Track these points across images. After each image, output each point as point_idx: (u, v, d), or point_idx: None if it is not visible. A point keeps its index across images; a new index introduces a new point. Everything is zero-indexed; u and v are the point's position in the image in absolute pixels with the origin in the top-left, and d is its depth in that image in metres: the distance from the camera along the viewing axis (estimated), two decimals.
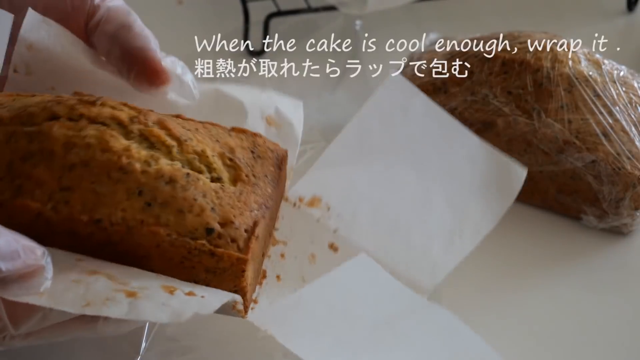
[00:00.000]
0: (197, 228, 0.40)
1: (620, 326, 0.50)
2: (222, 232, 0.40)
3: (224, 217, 0.41)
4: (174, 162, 0.41)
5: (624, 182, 0.52)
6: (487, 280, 0.53)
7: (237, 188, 0.43)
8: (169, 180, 0.40)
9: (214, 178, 0.42)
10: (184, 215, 0.40)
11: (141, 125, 0.42)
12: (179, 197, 0.40)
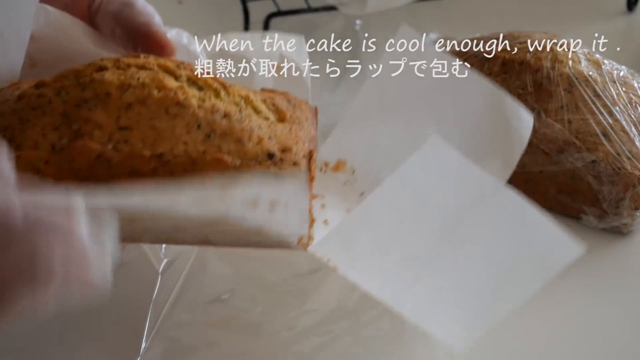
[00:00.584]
0: (258, 154, 0.40)
1: (620, 326, 0.50)
2: (283, 157, 0.41)
3: (282, 144, 0.41)
4: (223, 101, 0.42)
5: (624, 182, 0.52)
6: None
7: (285, 125, 0.43)
8: (224, 114, 0.41)
9: (261, 116, 0.43)
10: (244, 144, 0.40)
11: (188, 71, 0.43)
12: (237, 128, 0.41)
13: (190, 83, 0.42)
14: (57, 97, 0.41)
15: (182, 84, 0.42)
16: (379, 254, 0.39)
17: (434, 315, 0.40)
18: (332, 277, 0.52)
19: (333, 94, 0.68)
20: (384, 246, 0.39)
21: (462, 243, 0.38)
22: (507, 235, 0.39)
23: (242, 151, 0.40)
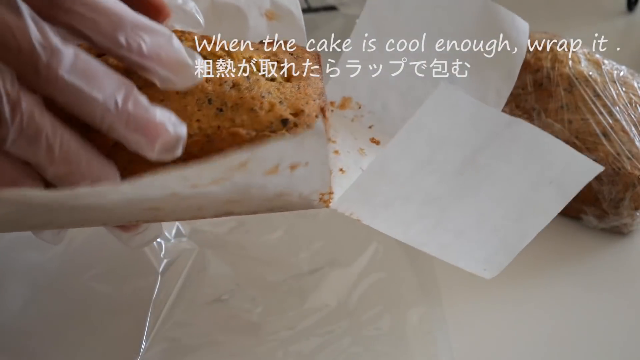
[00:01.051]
0: (272, 122, 0.40)
1: (621, 326, 0.50)
2: (296, 121, 0.41)
3: (294, 107, 0.41)
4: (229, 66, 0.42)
5: (624, 182, 0.52)
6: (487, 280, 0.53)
7: (293, 83, 0.43)
8: (233, 84, 0.41)
9: (268, 79, 0.43)
10: (257, 113, 0.40)
11: (189, 42, 0.42)
12: (247, 97, 0.40)
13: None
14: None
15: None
16: (400, 201, 0.39)
17: (461, 251, 0.40)
18: (332, 277, 0.52)
19: None
20: (405, 193, 0.39)
21: (481, 179, 0.39)
22: (525, 163, 0.39)
23: (256, 121, 0.40)
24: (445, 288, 0.52)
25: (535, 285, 0.53)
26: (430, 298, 0.51)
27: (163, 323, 0.49)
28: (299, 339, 0.49)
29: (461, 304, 0.51)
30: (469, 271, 0.41)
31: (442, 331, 0.49)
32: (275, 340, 0.49)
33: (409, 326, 0.49)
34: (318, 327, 0.49)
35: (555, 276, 0.53)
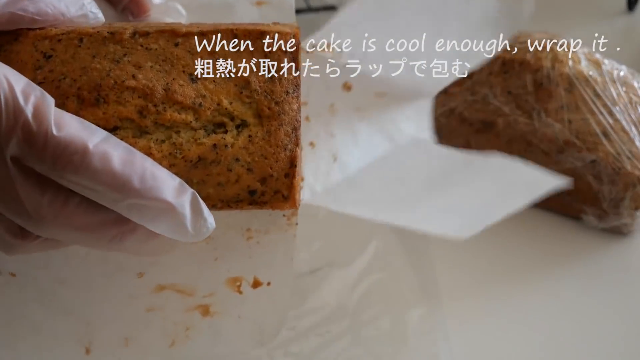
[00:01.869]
0: (239, 193, 0.40)
1: (621, 326, 0.50)
2: (264, 190, 0.40)
3: (261, 173, 0.41)
4: (196, 132, 0.41)
5: (624, 182, 0.52)
6: (487, 280, 0.53)
7: (264, 129, 0.42)
8: (198, 159, 0.40)
9: (237, 125, 0.41)
10: (223, 187, 0.40)
11: (152, 115, 0.40)
12: (213, 173, 0.40)
13: (156, 128, 0.40)
14: None
15: (149, 144, 0.40)
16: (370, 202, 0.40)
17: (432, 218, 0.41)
18: (332, 277, 0.52)
19: None
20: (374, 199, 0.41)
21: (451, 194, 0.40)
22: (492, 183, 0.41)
23: (222, 194, 0.40)
24: (445, 288, 0.52)
25: (535, 285, 0.53)
26: (430, 298, 0.51)
27: None
28: (299, 339, 0.49)
29: (461, 304, 0.51)
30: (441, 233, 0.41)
31: (442, 331, 0.49)
32: (275, 340, 0.49)
33: (409, 326, 0.49)
34: (318, 327, 0.49)
35: (555, 276, 0.53)
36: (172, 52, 0.42)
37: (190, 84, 0.42)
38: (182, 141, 0.40)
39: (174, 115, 0.41)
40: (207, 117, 0.41)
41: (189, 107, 0.41)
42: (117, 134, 0.39)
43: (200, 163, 0.40)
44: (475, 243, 0.55)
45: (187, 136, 0.40)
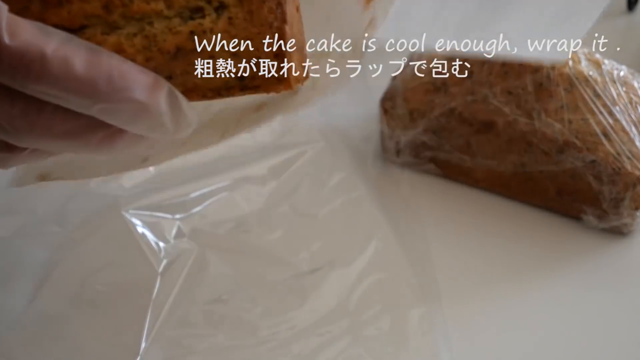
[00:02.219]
0: (227, 80, 0.39)
1: (621, 326, 0.50)
2: (253, 74, 0.39)
3: (248, 55, 0.39)
4: (171, 20, 0.38)
5: (624, 182, 0.52)
6: (487, 280, 0.53)
7: (245, 8, 0.39)
8: (176, 51, 0.38)
9: (216, 7, 0.39)
10: (209, 77, 0.39)
11: (119, 9, 0.37)
12: (195, 61, 0.38)
13: (127, 22, 0.37)
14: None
15: (119, 40, 0.37)
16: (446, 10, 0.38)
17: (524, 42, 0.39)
18: (332, 277, 0.52)
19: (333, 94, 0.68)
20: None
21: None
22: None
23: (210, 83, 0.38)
24: (445, 288, 0.52)
25: (535, 285, 0.53)
26: (430, 298, 0.51)
27: (163, 323, 0.49)
28: (299, 339, 0.49)
29: (461, 304, 0.51)
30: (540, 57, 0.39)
31: (442, 331, 0.49)
32: (275, 340, 0.49)
33: (409, 326, 0.49)
34: (318, 327, 0.49)
35: (555, 276, 0.53)
36: None
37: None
38: (156, 32, 0.38)
39: (142, 6, 0.37)
40: (180, 2, 0.38)
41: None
42: (85, 32, 0.36)
43: (179, 53, 0.38)
44: (475, 243, 0.56)
45: (161, 26, 0.38)
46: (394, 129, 0.59)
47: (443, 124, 0.57)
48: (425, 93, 0.57)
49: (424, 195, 0.58)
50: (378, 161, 0.61)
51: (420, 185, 0.59)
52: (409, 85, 0.58)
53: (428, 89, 0.57)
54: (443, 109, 0.56)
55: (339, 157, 0.61)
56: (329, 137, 0.63)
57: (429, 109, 0.57)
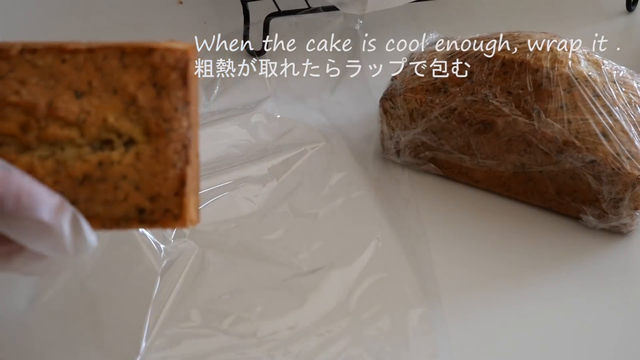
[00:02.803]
0: (127, 212, 0.39)
1: (620, 326, 0.50)
2: (153, 208, 0.40)
3: (150, 191, 0.40)
4: (82, 148, 0.40)
5: (623, 182, 0.52)
6: (487, 280, 0.53)
7: (152, 147, 0.40)
8: (83, 178, 0.39)
9: (125, 142, 0.40)
10: (111, 204, 0.39)
11: (35, 131, 0.39)
12: (100, 190, 0.39)
13: (40, 144, 0.39)
14: None
15: (31, 161, 0.39)
16: None
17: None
18: (332, 277, 0.52)
19: (333, 94, 0.68)
20: None
21: None
22: None
23: (111, 213, 0.39)
24: (445, 288, 0.52)
25: (535, 285, 0.53)
26: (430, 298, 0.51)
27: (163, 323, 0.49)
28: (299, 339, 0.49)
29: (461, 304, 0.51)
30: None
31: (442, 331, 0.49)
32: (275, 340, 0.49)
33: (409, 326, 0.49)
34: (318, 327, 0.49)
35: (555, 276, 0.53)
36: (58, 69, 0.40)
37: (75, 99, 0.40)
38: (66, 158, 0.39)
39: (57, 131, 0.39)
40: (92, 133, 0.40)
41: (73, 123, 0.40)
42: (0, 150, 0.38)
43: (86, 181, 0.39)
44: (475, 243, 0.56)
45: (71, 153, 0.40)
46: (394, 129, 0.59)
47: (443, 124, 0.57)
48: (425, 93, 0.57)
49: (424, 195, 0.58)
50: (378, 161, 0.61)
51: (420, 185, 0.59)
52: (409, 85, 0.58)
53: (428, 89, 0.57)
54: (443, 109, 0.56)
55: (339, 157, 0.61)
56: (329, 137, 0.63)
57: (429, 109, 0.57)
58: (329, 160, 0.61)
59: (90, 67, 0.41)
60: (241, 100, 0.66)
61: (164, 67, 0.41)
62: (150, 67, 0.41)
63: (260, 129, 0.63)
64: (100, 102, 0.40)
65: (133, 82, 0.41)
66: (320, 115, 0.65)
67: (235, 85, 0.68)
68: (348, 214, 0.57)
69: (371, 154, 0.62)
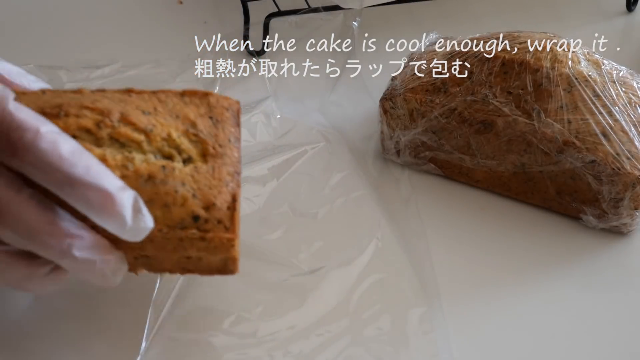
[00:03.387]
0: (184, 218, 0.42)
1: (620, 326, 0.50)
2: (207, 217, 0.43)
3: (205, 201, 0.43)
4: (146, 155, 0.43)
5: (623, 182, 0.52)
6: (487, 279, 0.53)
7: (209, 165, 0.44)
8: (148, 177, 0.42)
9: (185, 159, 0.44)
10: (170, 208, 0.42)
11: (108, 129, 0.43)
12: (161, 192, 0.42)
13: (112, 142, 0.43)
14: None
15: (103, 152, 0.42)
16: None
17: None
18: (332, 277, 0.52)
19: (333, 94, 0.68)
20: None
21: None
22: None
23: (168, 217, 0.42)
24: (445, 288, 0.52)
25: (535, 285, 0.53)
26: (430, 298, 0.51)
27: (163, 323, 0.49)
28: (299, 339, 0.49)
29: (461, 304, 0.51)
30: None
31: (442, 331, 0.49)
32: (275, 340, 0.49)
33: (409, 326, 0.49)
34: (318, 327, 0.49)
35: (555, 276, 0.53)
36: (126, 98, 0.45)
37: (143, 115, 0.44)
38: (133, 155, 0.43)
39: (128, 132, 0.43)
40: (157, 143, 0.44)
41: (142, 130, 0.43)
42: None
43: (150, 180, 0.42)
44: (475, 243, 0.56)
45: (139, 156, 0.43)
46: (394, 129, 0.59)
47: (443, 124, 0.57)
48: (425, 93, 0.57)
49: (424, 195, 0.58)
50: (378, 161, 0.61)
51: (420, 185, 0.59)
52: (409, 85, 0.58)
53: (428, 89, 0.57)
54: (443, 109, 0.56)
55: (339, 157, 0.61)
56: (329, 137, 0.63)
57: (429, 109, 0.57)
58: (329, 160, 0.61)
59: (154, 99, 0.45)
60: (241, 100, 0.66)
61: (219, 107, 0.47)
62: (207, 105, 0.46)
63: (260, 129, 0.63)
64: (164, 121, 0.44)
65: (193, 112, 0.46)
66: (320, 115, 0.65)
67: (235, 85, 0.68)
68: (348, 214, 0.57)
69: (371, 154, 0.62)
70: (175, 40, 0.73)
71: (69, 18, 0.76)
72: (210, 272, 0.45)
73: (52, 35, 0.73)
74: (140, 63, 0.69)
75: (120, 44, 0.72)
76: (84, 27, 0.75)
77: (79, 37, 0.73)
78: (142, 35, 0.74)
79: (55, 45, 0.72)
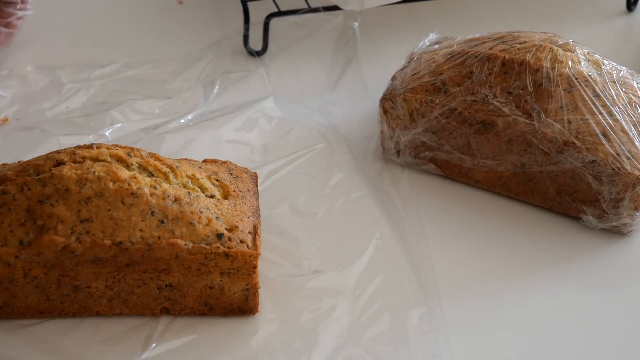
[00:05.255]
0: (208, 235, 0.45)
1: (620, 326, 0.50)
2: (231, 236, 0.46)
3: (229, 223, 0.46)
4: (172, 185, 0.46)
5: (623, 182, 0.52)
6: (487, 280, 0.53)
7: (230, 201, 0.48)
8: (175, 199, 0.46)
9: (207, 196, 0.48)
10: (195, 226, 0.45)
11: (138, 158, 0.47)
12: (187, 211, 0.45)
13: (141, 170, 0.46)
14: (20, 194, 0.45)
15: (134, 173, 0.46)
16: None
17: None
18: (332, 277, 0.52)
19: (333, 94, 0.68)
20: None
21: None
22: None
23: (194, 233, 0.45)
24: (445, 288, 0.52)
25: (535, 285, 0.53)
26: (430, 298, 0.51)
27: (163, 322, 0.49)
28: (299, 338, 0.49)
29: (461, 304, 0.51)
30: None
31: (442, 331, 0.49)
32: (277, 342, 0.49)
33: (409, 326, 0.49)
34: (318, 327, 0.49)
35: (555, 276, 0.53)
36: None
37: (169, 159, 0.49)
38: (161, 180, 0.46)
39: (156, 164, 0.47)
40: (182, 179, 0.47)
41: (169, 166, 0.47)
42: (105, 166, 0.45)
43: (176, 202, 0.46)
44: (475, 243, 0.56)
45: (165, 183, 0.47)
46: (394, 129, 0.59)
47: (443, 124, 0.57)
48: (425, 93, 0.57)
49: (424, 195, 0.58)
50: (378, 161, 0.61)
51: (420, 185, 0.59)
52: (409, 85, 0.58)
53: (428, 89, 0.57)
54: (443, 109, 0.56)
55: (339, 157, 0.61)
56: (329, 137, 0.63)
57: (429, 109, 0.57)
58: (329, 160, 0.61)
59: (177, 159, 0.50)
60: (241, 100, 0.66)
61: (237, 169, 0.52)
62: (226, 166, 0.52)
63: (260, 128, 0.63)
64: (189, 167, 0.49)
65: (214, 167, 0.51)
66: (320, 116, 0.65)
67: (235, 84, 0.68)
68: (348, 214, 0.57)
69: (371, 154, 0.62)
70: (175, 41, 0.73)
71: (69, 18, 0.76)
72: (231, 307, 0.48)
73: (52, 36, 0.73)
74: (140, 63, 0.69)
75: (120, 44, 0.72)
76: (84, 27, 0.75)
77: (79, 37, 0.73)
78: (142, 35, 0.74)
79: (56, 45, 0.72)
